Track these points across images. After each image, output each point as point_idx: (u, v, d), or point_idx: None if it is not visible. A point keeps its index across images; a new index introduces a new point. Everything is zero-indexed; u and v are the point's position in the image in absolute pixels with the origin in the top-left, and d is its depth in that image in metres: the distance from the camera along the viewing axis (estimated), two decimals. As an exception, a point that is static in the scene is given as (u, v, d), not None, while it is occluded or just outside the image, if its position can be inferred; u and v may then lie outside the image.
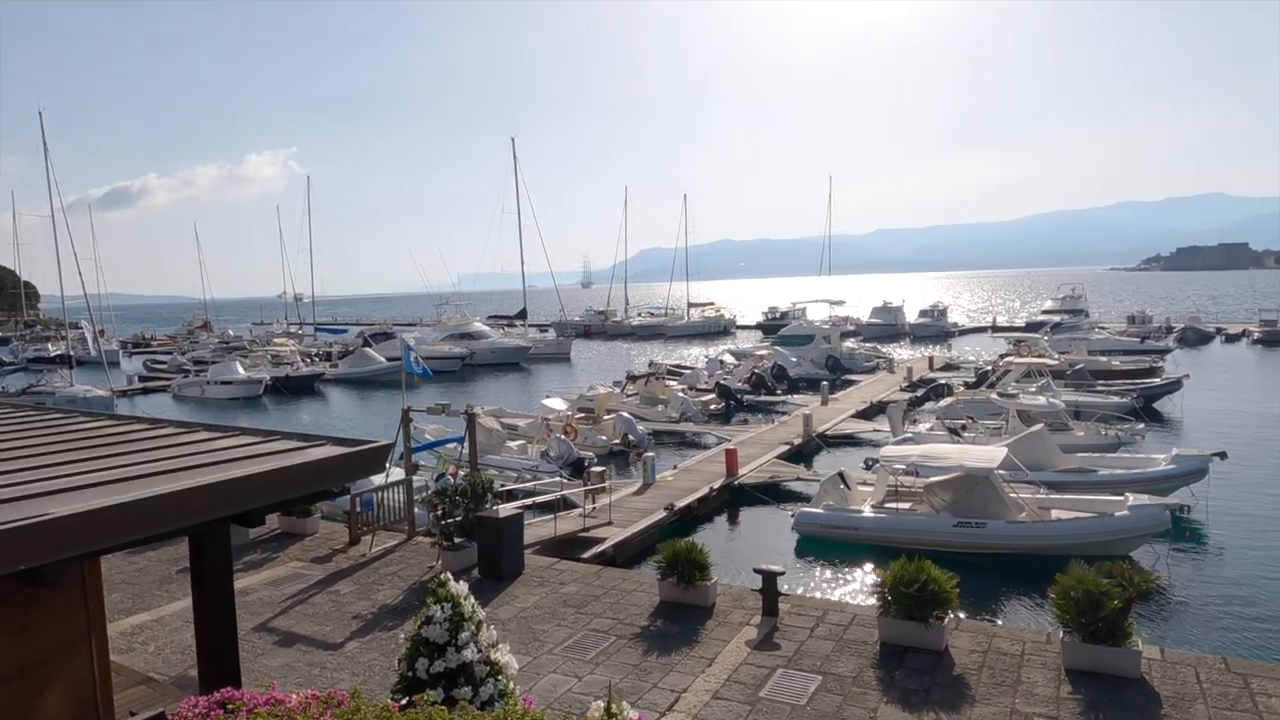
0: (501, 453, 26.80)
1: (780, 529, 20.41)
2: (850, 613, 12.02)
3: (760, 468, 25.34)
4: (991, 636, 11.03)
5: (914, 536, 17.50)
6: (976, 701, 9.27)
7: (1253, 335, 67.17)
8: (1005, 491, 18.01)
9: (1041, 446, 22.14)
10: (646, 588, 13.16)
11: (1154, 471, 21.36)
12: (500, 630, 11.41)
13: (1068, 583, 9.95)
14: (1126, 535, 17.07)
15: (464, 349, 64.58)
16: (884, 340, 75.18)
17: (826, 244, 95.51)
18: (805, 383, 46.09)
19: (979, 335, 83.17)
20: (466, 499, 14.54)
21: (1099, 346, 51.40)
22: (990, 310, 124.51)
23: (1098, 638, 9.73)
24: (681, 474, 24.47)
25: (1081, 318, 73.24)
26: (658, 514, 20.19)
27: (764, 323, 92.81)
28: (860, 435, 31.60)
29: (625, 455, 29.33)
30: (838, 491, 19.87)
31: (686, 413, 35.28)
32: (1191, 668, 9.88)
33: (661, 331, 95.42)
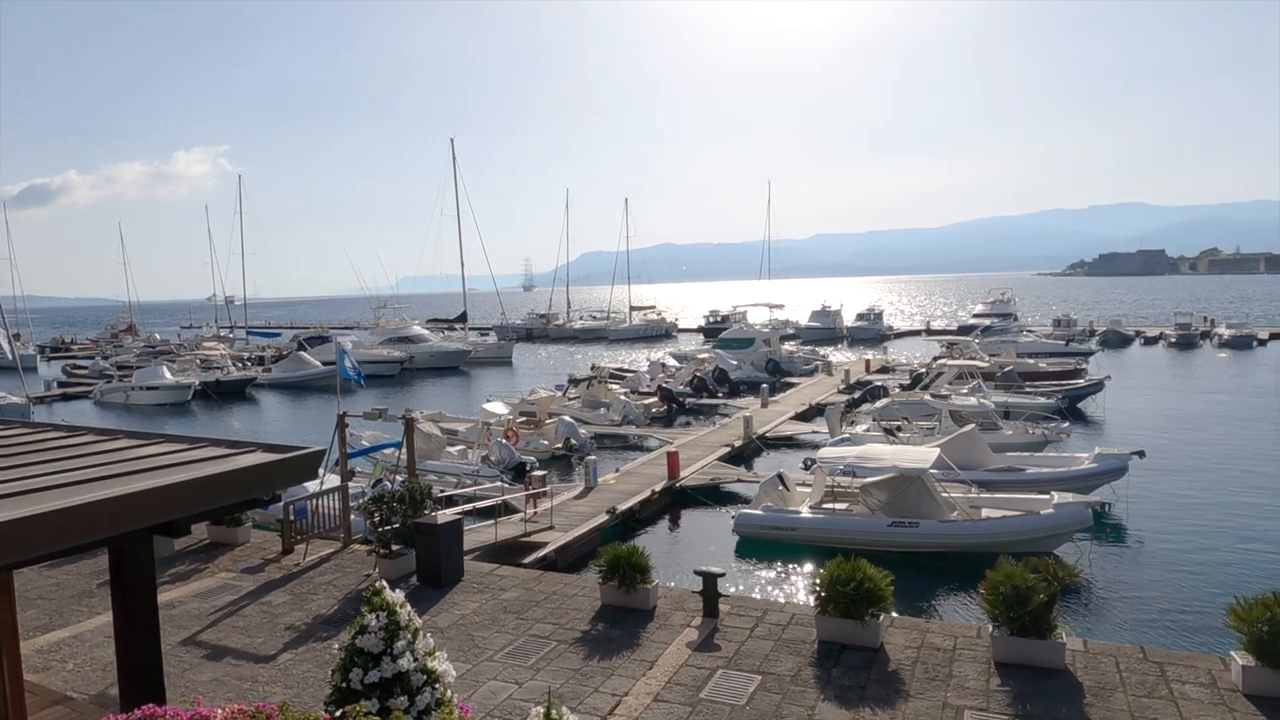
0: (441, 458, 26.45)
1: (721, 530, 20.58)
2: (789, 612, 12.18)
3: (702, 470, 25.51)
4: (925, 632, 11.30)
5: (850, 536, 17.83)
6: (911, 696, 9.49)
7: (1169, 338, 70.28)
8: (937, 491, 18.47)
9: (973, 446, 22.79)
10: (588, 592, 13.13)
11: (1078, 470, 22.16)
12: (439, 638, 11.27)
13: (996, 579, 10.26)
14: (1052, 533, 17.66)
15: (403, 353, 63.56)
16: (822, 343, 76.47)
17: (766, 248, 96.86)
18: (746, 385, 46.56)
19: (913, 338, 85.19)
20: (404, 505, 14.31)
21: (1027, 349, 53.14)
22: (924, 314, 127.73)
23: (1025, 631, 10.05)
24: (623, 477, 24.49)
25: (1011, 321, 75.74)
26: (600, 518, 20.16)
27: (705, 326, 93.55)
28: (799, 437, 32.06)
29: (567, 459, 29.22)
30: (777, 493, 20.12)
31: (629, 416, 35.33)
32: (1112, 658, 10.28)
33: (603, 335, 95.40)
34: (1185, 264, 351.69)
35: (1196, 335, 70.09)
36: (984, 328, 67.83)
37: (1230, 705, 9.01)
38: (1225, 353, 62.87)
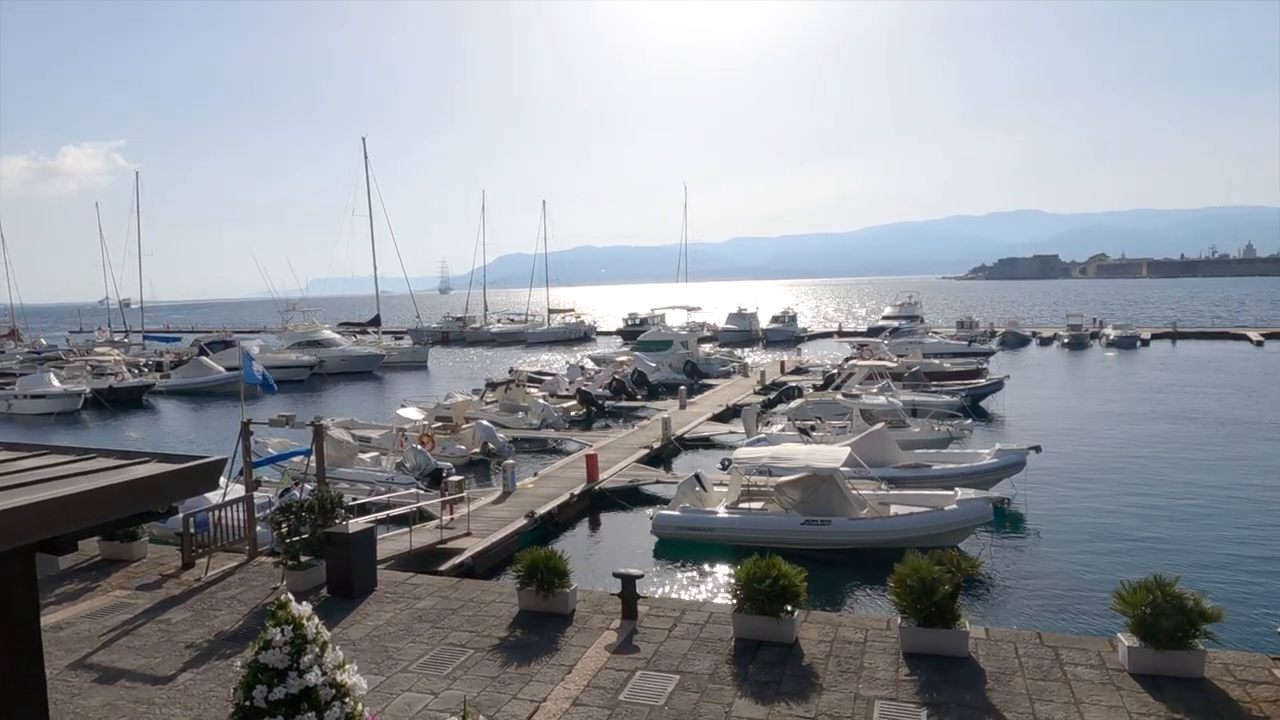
0: (353, 465, 25.74)
1: (640, 532, 20.65)
2: (707, 611, 12.31)
3: (621, 472, 25.56)
4: (838, 626, 11.59)
5: (766, 535, 18.15)
6: (824, 689, 9.71)
7: (1062, 339, 74.13)
8: (848, 489, 19.00)
9: (882, 444, 23.52)
10: (506, 598, 12.98)
11: (980, 465, 23.14)
12: (351, 650, 10.96)
13: (904, 572, 10.61)
14: (956, 527, 18.39)
15: (312, 357, 61.58)
16: (739, 345, 77.67)
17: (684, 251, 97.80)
18: (664, 387, 46.88)
19: (826, 340, 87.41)
20: (313, 515, 13.85)
21: (932, 350, 55.16)
22: (836, 316, 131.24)
23: (931, 621, 10.42)
24: (542, 481, 24.33)
25: (917, 323, 78.47)
26: (518, 522, 19.97)
27: (624, 329, 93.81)
28: (717, 438, 32.47)
29: (485, 464, 28.86)
30: (694, 493, 20.33)
31: (547, 419, 35.12)
32: (1011, 644, 10.76)
33: (522, 338, 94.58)
34: (1076, 269, 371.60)
35: (1087, 336, 74.14)
36: (892, 329, 70.06)
37: (1118, 684, 9.54)
38: (1112, 352, 66.68)
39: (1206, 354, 63.20)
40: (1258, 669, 9.77)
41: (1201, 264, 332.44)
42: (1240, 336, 74.55)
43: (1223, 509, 22.11)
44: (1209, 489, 24.19)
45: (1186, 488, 24.41)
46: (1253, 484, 24.62)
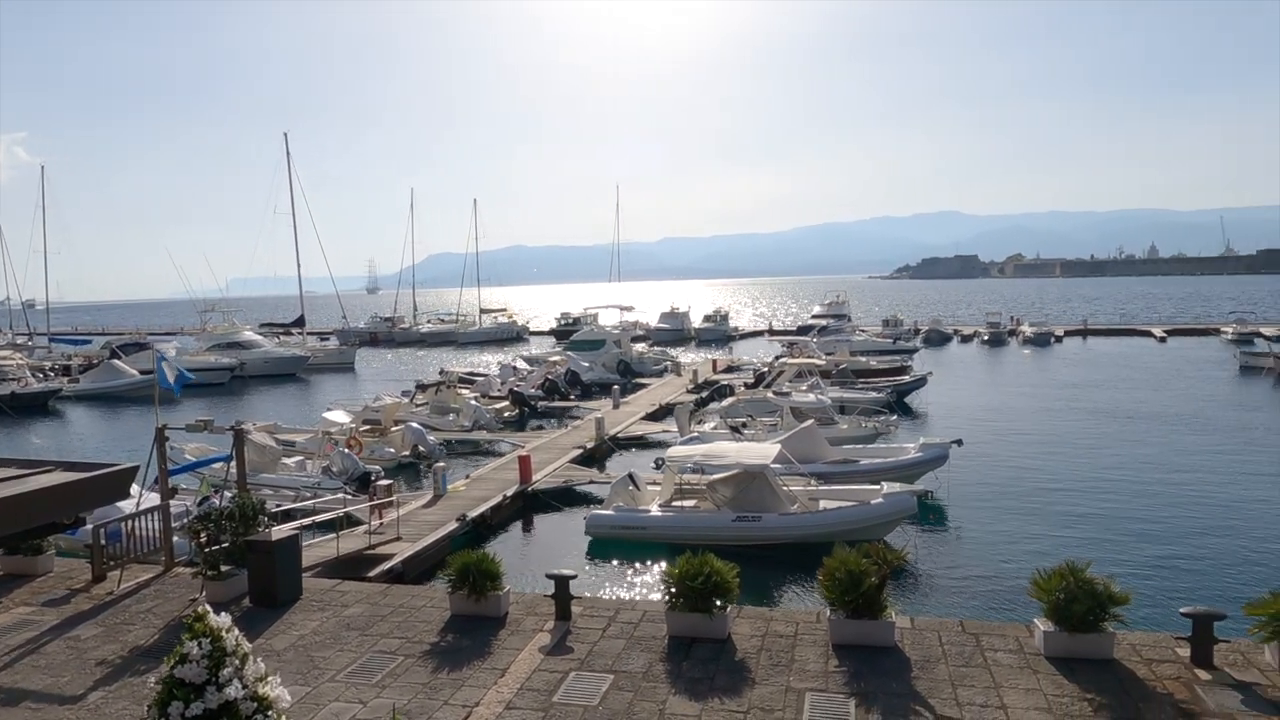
0: (277, 471, 24.96)
1: (574, 532, 20.59)
2: (640, 610, 12.34)
3: (554, 473, 25.43)
4: (769, 620, 11.76)
5: (698, 532, 18.31)
6: (757, 683, 9.84)
7: (982, 336, 76.82)
8: (779, 485, 19.30)
9: (811, 441, 23.97)
10: (437, 602, 12.77)
11: (905, 460, 23.79)
12: (275, 661, 10.63)
13: (832, 565, 10.83)
14: (882, 520, 18.86)
15: (232, 359, 59.52)
16: (672, 344, 78.14)
17: (616, 251, 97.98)
18: (598, 387, 46.84)
19: (757, 339, 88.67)
20: (234, 523, 13.39)
21: (859, 348, 56.46)
22: (767, 315, 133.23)
23: (859, 613, 10.66)
24: (474, 483, 24.04)
25: (845, 322, 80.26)
26: (449, 525, 19.69)
27: (557, 328, 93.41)
28: (650, 437, 32.60)
29: (415, 467, 28.37)
30: (628, 493, 20.36)
31: (479, 421, 34.72)
32: (935, 632, 11.09)
33: (452, 338, 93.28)
34: (995, 268, 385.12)
35: (1005, 333, 77.00)
36: (821, 328, 71.52)
37: (1034, 668, 9.93)
38: (1029, 349, 69.37)
39: (1115, 350, 66.32)
40: (1162, 648, 10.28)
41: (1110, 264, 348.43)
42: (1145, 333, 78.45)
43: (1131, 498, 23.22)
44: (1118, 479, 25.37)
45: (1098, 478, 25.56)
46: (1158, 474, 25.93)
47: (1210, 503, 22.49)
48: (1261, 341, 59.40)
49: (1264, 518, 21.08)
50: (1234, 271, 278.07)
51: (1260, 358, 50.91)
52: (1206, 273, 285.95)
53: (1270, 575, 16.38)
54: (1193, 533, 20.02)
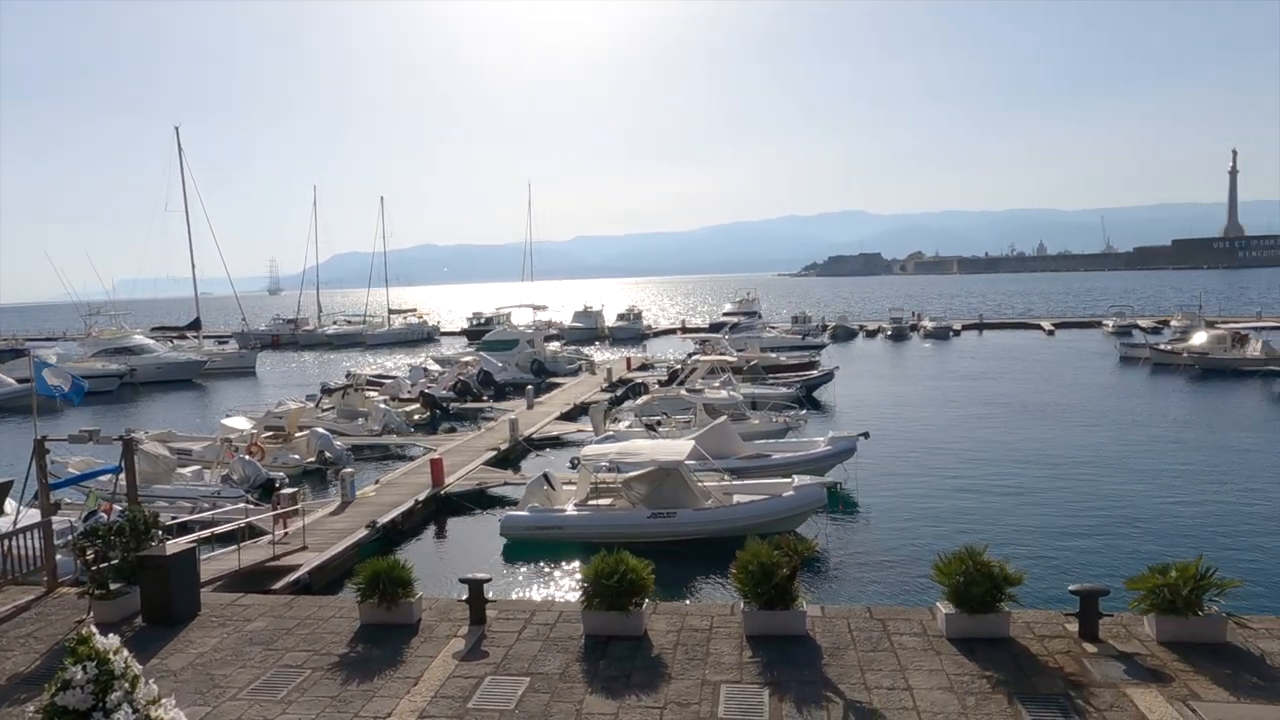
0: (172, 481, 23.79)
1: (489, 535, 20.34)
2: (557, 610, 12.27)
3: (467, 475, 25.05)
4: (684, 615, 11.87)
5: (614, 530, 18.34)
6: (673, 678, 9.92)
7: (886, 331, 79.52)
8: (693, 481, 19.52)
9: (724, 437, 24.33)
10: (346, 612, 12.40)
11: (815, 453, 24.41)
12: (171, 682, 10.13)
13: (745, 558, 11.02)
14: (794, 512, 19.31)
15: (121, 365, 56.41)
16: (585, 343, 78.04)
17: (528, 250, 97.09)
18: (511, 387, 46.38)
19: (670, 336, 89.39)
20: (124, 538, 12.66)
21: (769, 344, 57.67)
22: (679, 313, 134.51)
23: (771, 604, 10.87)
24: (385, 488, 23.47)
25: (756, 319, 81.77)
26: (358, 533, 19.16)
27: (469, 329, 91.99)
28: (565, 436, 32.48)
29: (322, 473, 27.49)
30: (543, 493, 20.25)
31: (389, 424, 33.90)
32: (845, 619, 11.40)
33: (360, 340, 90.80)
34: (897, 266, 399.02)
35: (907, 328, 79.92)
36: (732, 325, 72.65)
37: (937, 649, 10.33)
38: (930, 343, 72.21)
39: (1008, 343, 69.68)
40: (1053, 625, 10.85)
41: (1003, 261, 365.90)
42: (1035, 326, 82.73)
43: (1025, 483, 24.45)
44: (1013, 466, 26.67)
45: (995, 465, 26.81)
46: (1048, 460, 27.37)
47: (1095, 486, 23.89)
48: (1139, 333, 63.46)
49: (1143, 499, 22.52)
50: (1113, 267, 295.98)
51: (1138, 349, 54.36)
52: (1089, 269, 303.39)
53: (1149, 552, 17.50)
54: (1080, 515, 21.22)
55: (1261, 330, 52.44)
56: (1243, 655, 9.74)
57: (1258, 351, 46.47)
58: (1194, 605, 10.00)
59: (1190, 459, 27.15)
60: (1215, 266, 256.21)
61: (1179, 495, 22.80)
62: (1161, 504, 21.98)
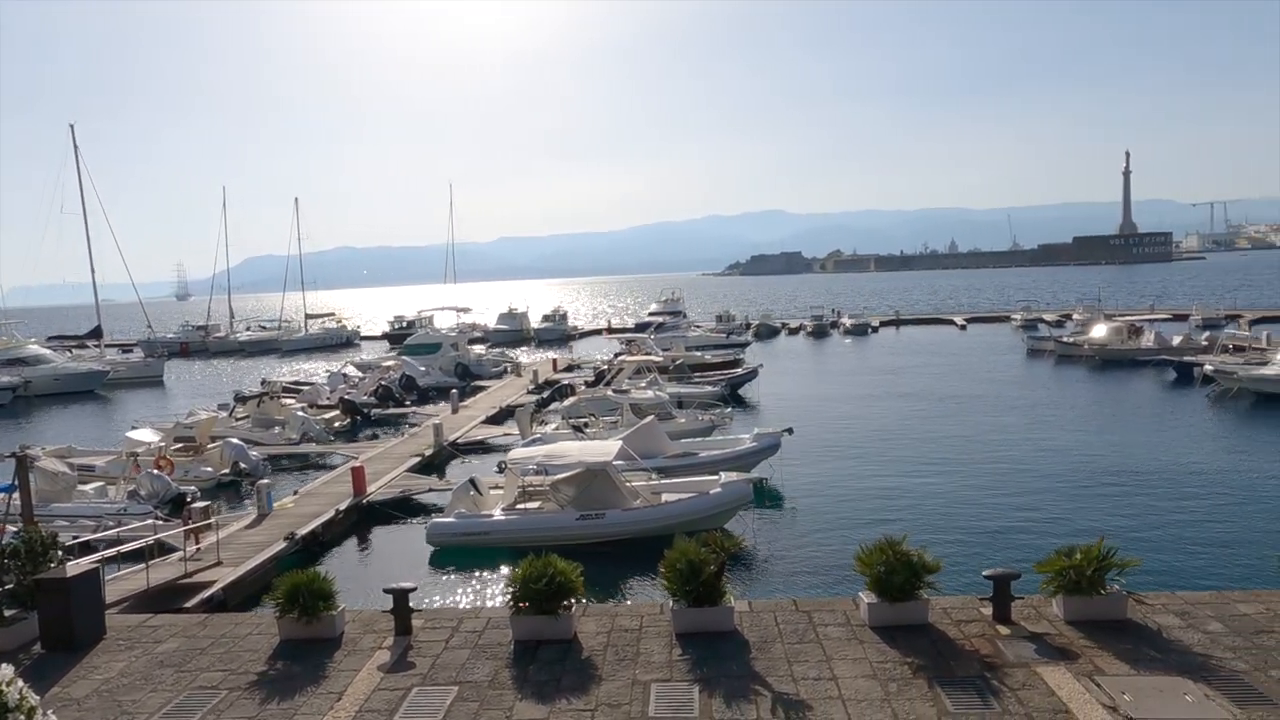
0: (74, 499, 22.58)
1: (414, 543, 19.96)
2: (485, 617, 12.11)
3: (391, 483, 24.53)
4: (614, 616, 11.87)
5: (543, 533, 18.22)
6: (603, 680, 9.90)
7: (807, 329, 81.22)
8: (621, 482, 19.54)
9: (652, 436, 24.44)
10: (264, 629, 11.96)
11: (740, 450, 24.74)
12: (75, 711, 9.62)
13: (673, 556, 11.08)
14: (721, 509, 19.53)
15: (14, 377, 53.35)
16: (511, 345, 77.38)
17: (450, 251, 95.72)
18: (435, 392, 45.64)
19: (595, 337, 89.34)
20: (19, 560, 11.95)
21: (695, 343, 58.22)
22: (605, 314, 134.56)
23: (700, 601, 10.96)
24: (304, 499, 22.78)
25: (681, 318, 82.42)
26: (276, 546, 18.55)
27: (390, 332, 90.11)
28: (491, 440, 32.11)
29: (237, 485, 26.54)
30: (469, 498, 19.98)
31: (308, 432, 32.94)
32: (772, 613, 11.58)
33: (276, 346, 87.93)
34: (817, 264, 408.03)
35: (828, 325, 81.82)
36: (658, 325, 73.06)
37: (861, 638, 10.59)
38: (849, 339, 74.09)
39: (924, 338, 72.02)
40: (969, 610, 11.25)
41: (917, 259, 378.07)
42: (949, 322, 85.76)
43: (942, 473, 25.31)
44: (931, 457, 27.58)
45: (913, 456, 27.67)
46: (963, 451, 28.41)
47: (1007, 474, 24.90)
48: (1044, 327, 66.42)
49: (1051, 484, 23.58)
50: (1020, 264, 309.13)
51: (1043, 342, 56.92)
52: (998, 266, 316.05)
53: (1057, 535, 18.31)
54: (993, 501, 22.09)
55: (1154, 322, 55.59)
56: (1142, 630, 10.29)
57: (1151, 342, 49.19)
58: (1097, 585, 10.50)
59: (1092, 445, 28.57)
60: (1112, 262, 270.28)
61: (1083, 479, 23.96)
62: (1067, 488, 23.06)
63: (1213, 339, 47.82)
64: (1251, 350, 42.94)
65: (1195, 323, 61.55)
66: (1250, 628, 10.22)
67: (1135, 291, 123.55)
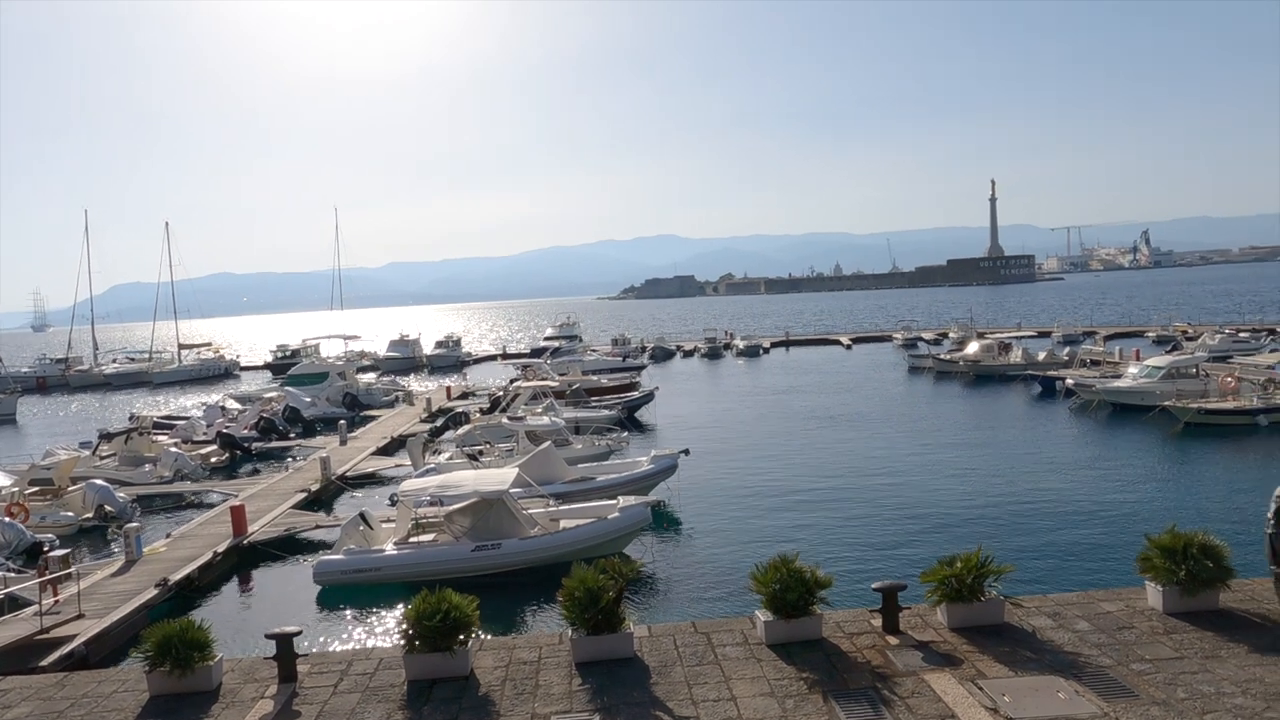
0: (-93, 553, 20.44)
1: (301, 584, 19.04)
2: (376, 658, 11.63)
3: (274, 521, 23.36)
4: (512, 649, 11.62)
5: (437, 567, 17.72)
6: (501, 716, 9.66)
7: (701, 350, 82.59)
8: (518, 510, 19.25)
9: (549, 462, 24.22)
10: (132, 685, 11.11)
11: (638, 473, 24.81)
12: (-95, 792, 8.64)
13: (571, 584, 10.96)
14: (620, 534, 19.49)
15: None
16: (402, 373, 75.36)
17: (337, 277, 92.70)
18: (322, 423, 43.91)
19: (491, 363, 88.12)
20: None
21: (591, 367, 58.17)
22: (500, 339, 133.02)
23: (599, 629, 10.87)
24: (178, 542, 21.41)
25: (577, 342, 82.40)
26: (147, 594, 17.32)
27: (273, 362, 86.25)
28: (383, 472, 31.08)
29: (102, 530, 24.70)
30: (359, 534, 19.25)
31: (182, 470, 31.03)
32: (671, 636, 11.60)
33: (146, 379, 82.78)
34: (710, 287, 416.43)
35: (721, 347, 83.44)
36: (554, 349, 72.75)
37: (758, 656, 10.74)
38: (742, 360, 75.74)
39: (813, 358, 74.42)
40: (860, 622, 11.59)
41: (804, 281, 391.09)
42: (835, 342, 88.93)
43: (832, 489, 26.09)
44: (821, 474, 28.42)
45: (805, 474, 28.44)
46: (852, 467, 29.40)
47: (893, 487, 25.91)
48: (923, 345, 69.79)
49: (933, 495, 24.68)
50: (899, 285, 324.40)
51: (922, 359, 59.80)
52: (879, 287, 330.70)
53: (941, 546, 19.13)
54: (881, 514, 22.92)
55: (1021, 338, 59.25)
56: (1018, 633, 10.84)
57: (1019, 358, 52.40)
58: (977, 592, 11.02)
59: (969, 457, 30.11)
60: (983, 283, 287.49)
61: (962, 490, 25.19)
62: (948, 499, 24.18)
63: (1073, 354, 51.42)
64: (1107, 364, 46.41)
65: (1057, 339, 66.04)
66: (1113, 624, 10.92)
67: (1004, 310, 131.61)
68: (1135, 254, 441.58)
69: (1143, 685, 9.20)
